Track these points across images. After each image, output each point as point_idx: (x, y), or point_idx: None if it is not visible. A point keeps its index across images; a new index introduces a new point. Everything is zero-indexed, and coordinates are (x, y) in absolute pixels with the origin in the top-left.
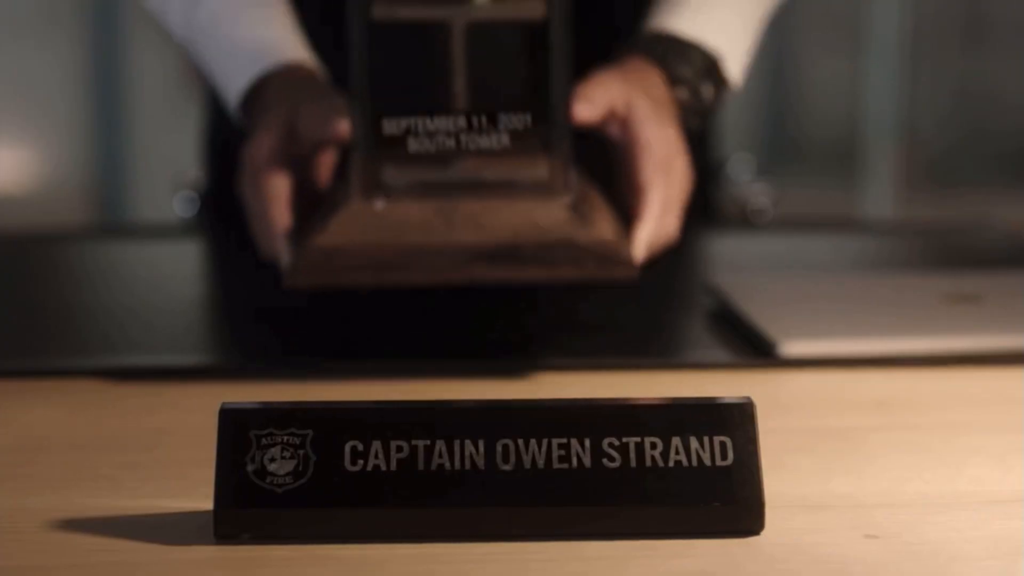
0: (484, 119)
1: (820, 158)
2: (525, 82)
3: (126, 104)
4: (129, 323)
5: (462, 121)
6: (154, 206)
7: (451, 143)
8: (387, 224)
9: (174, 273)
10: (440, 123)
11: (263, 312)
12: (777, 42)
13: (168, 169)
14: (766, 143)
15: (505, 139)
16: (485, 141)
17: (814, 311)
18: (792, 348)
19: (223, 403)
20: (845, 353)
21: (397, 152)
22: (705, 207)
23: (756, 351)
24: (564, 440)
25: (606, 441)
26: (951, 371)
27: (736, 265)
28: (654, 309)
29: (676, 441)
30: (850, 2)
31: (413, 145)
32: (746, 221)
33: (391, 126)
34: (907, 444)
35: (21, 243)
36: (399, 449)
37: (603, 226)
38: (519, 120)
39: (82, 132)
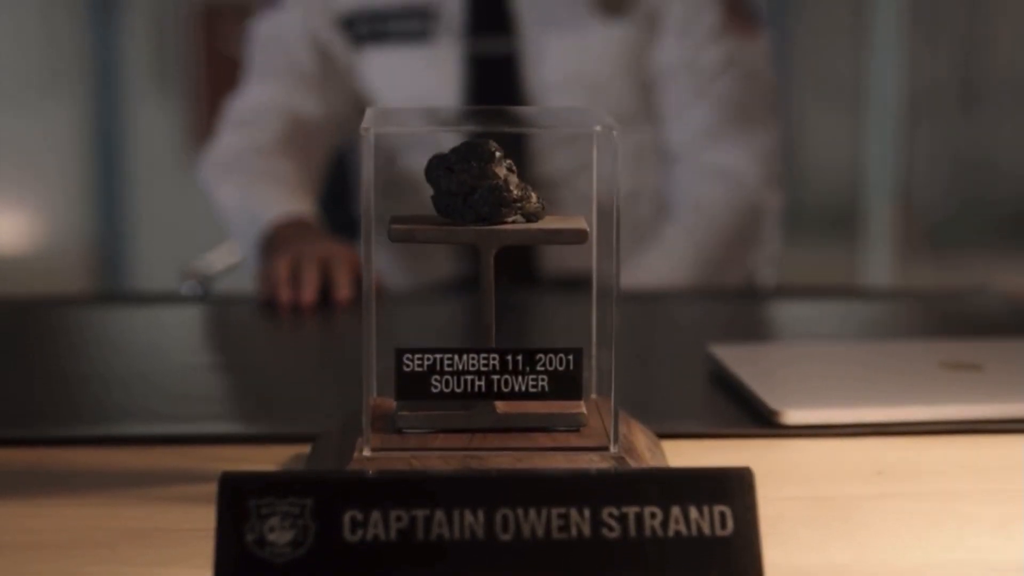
0: (520, 358)
1: (820, 221)
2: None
3: (127, 170)
4: (128, 390)
5: (495, 359)
6: (154, 273)
7: (481, 384)
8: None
9: (174, 340)
10: (468, 361)
11: (262, 378)
12: (779, 104)
13: (168, 234)
14: None
15: (544, 382)
16: (521, 383)
17: (814, 379)
18: (792, 416)
19: (223, 471)
20: (845, 421)
21: (418, 393)
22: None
23: (756, 419)
24: (563, 510)
25: (605, 510)
26: (951, 439)
27: (736, 332)
28: (654, 375)
29: (675, 511)
30: (848, 69)
31: (437, 386)
32: (746, 288)
33: (412, 362)
34: (906, 513)
35: (20, 309)
36: (398, 519)
37: (646, 457)
38: (561, 360)
39: (83, 198)
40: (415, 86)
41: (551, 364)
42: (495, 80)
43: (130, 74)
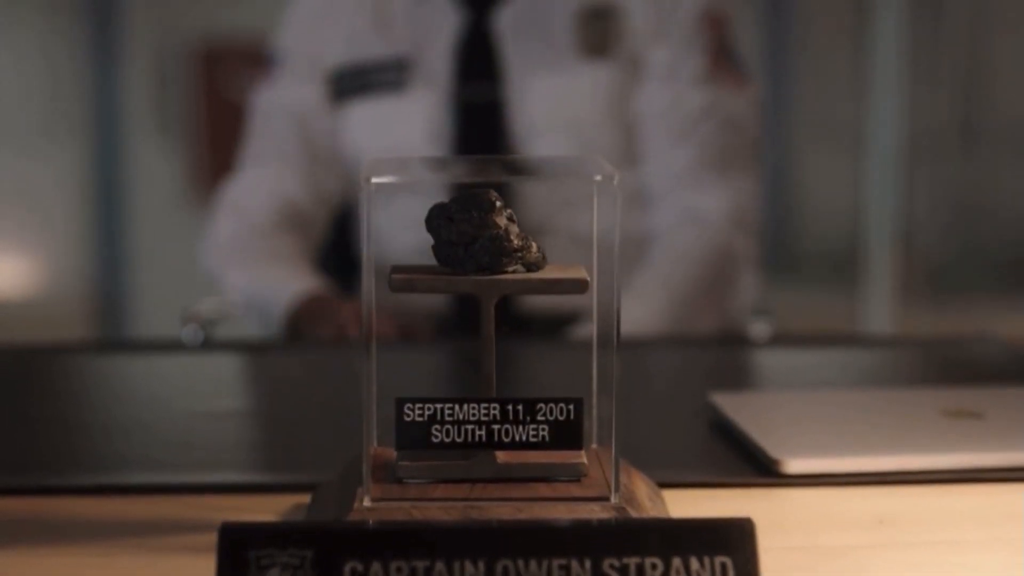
0: (521, 408)
1: (820, 265)
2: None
3: (128, 213)
4: (129, 438)
5: (495, 409)
6: (155, 316)
7: (481, 434)
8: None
9: (174, 388)
10: (469, 411)
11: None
12: (776, 153)
13: (169, 277)
14: (766, 252)
15: (544, 432)
16: (521, 433)
17: (814, 427)
18: (792, 465)
19: (223, 522)
20: (846, 470)
21: (418, 442)
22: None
23: (757, 468)
24: (564, 560)
25: (607, 561)
26: (952, 488)
27: (735, 380)
28: (654, 424)
29: (676, 561)
30: (848, 113)
31: (437, 436)
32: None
33: (413, 412)
34: (907, 562)
35: (21, 356)
36: (399, 570)
37: (647, 507)
38: (561, 410)
39: (85, 241)
40: (397, 135)
41: (551, 414)
42: (479, 125)
43: (131, 118)
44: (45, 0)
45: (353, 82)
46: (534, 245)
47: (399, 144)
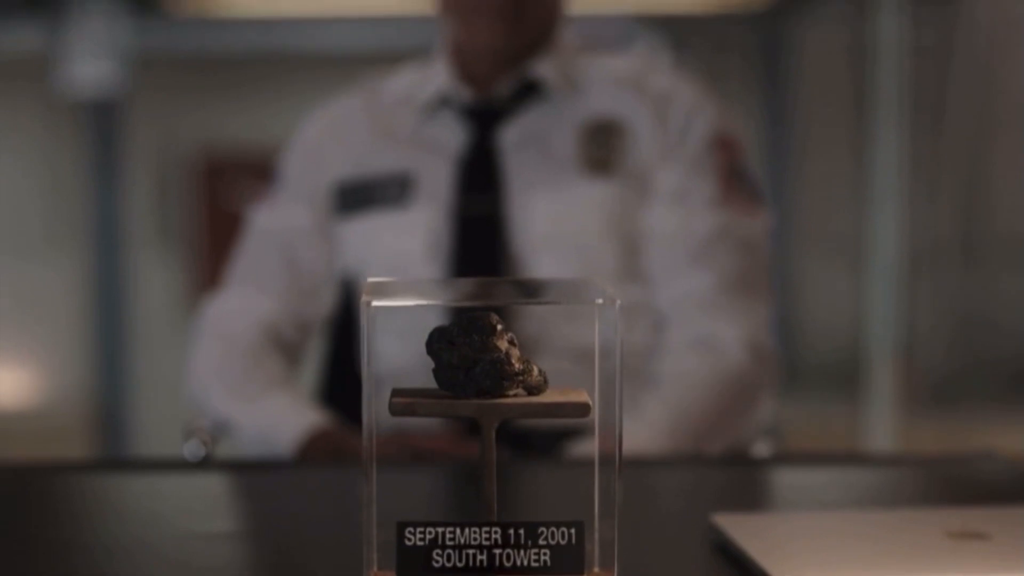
0: (522, 532)
1: (822, 378)
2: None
3: (129, 325)
4: (132, 559)
5: (496, 533)
6: (157, 428)
7: (483, 559)
8: None
9: (175, 507)
10: (470, 535)
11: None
12: (779, 264)
13: (171, 389)
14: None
15: (546, 556)
16: (523, 558)
17: (819, 550)
18: None
19: None
20: None
21: (419, 567)
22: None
23: None
24: None
25: None
26: None
27: (738, 500)
28: (656, 546)
29: None
30: (849, 226)
31: (438, 560)
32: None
33: (414, 536)
34: None
35: (20, 475)
36: None
37: None
38: (563, 534)
39: (85, 353)
40: (398, 247)
41: (553, 538)
42: (480, 239)
43: (133, 228)
44: (48, 109)
45: (356, 196)
46: (535, 368)
47: (400, 257)
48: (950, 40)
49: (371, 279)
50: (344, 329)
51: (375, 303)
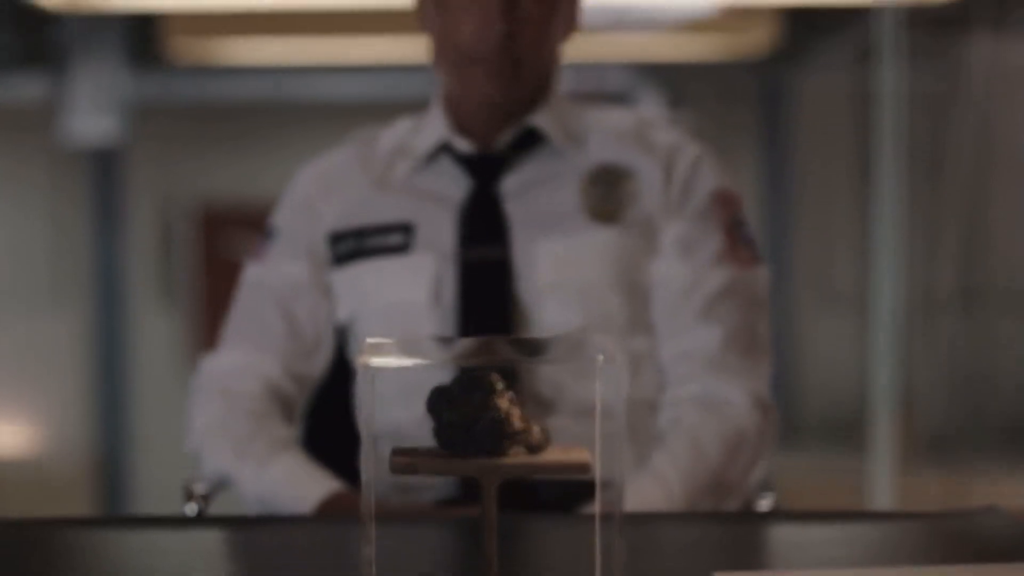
0: None
1: (822, 431)
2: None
3: (130, 380)
4: None
5: None
6: (155, 486)
7: None
8: None
9: (175, 565)
10: None
11: None
12: (778, 320)
13: (171, 443)
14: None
15: None
16: None
17: None
18: None
19: None
20: None
21: None
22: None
23: None
24: None
25: None
26: None
27: (739, 558)
28: None
29: None
30: (851, 278)
31: None
32: (749, 510)
33: None
34: None
35: (19, 531)
36: None
37: None
38: None
39: (86, 408)
40: (399, 296)
41: None
42: (483, 287)
43: (133, 282)
44: (51, 160)
45: (353, 246)
46: (536, 427)
47: (402, 306)
48: (951, 90)
49: (369, 339)
50: (332, 377)
51: (375, 363)
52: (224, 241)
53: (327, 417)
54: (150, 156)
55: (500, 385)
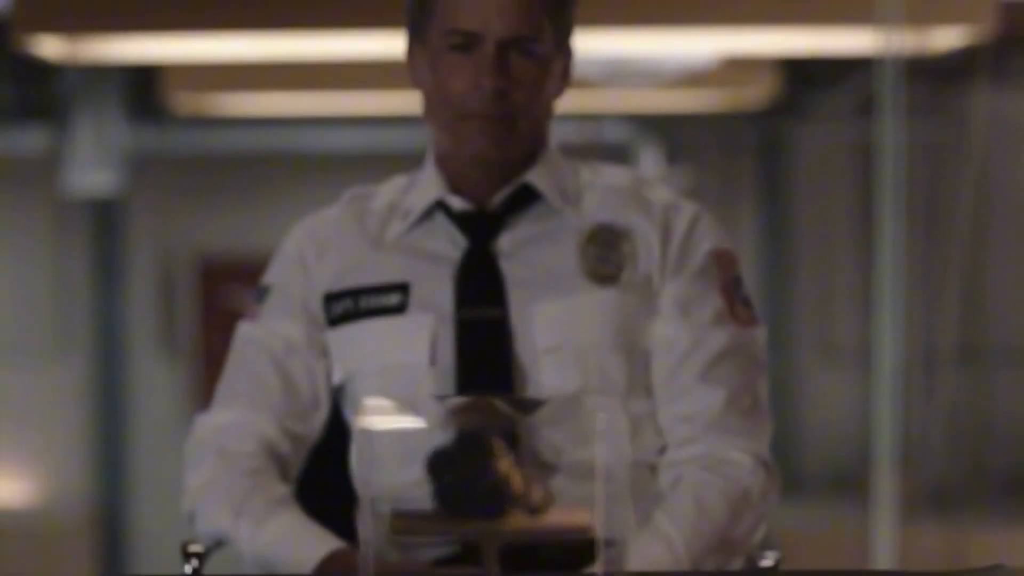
0: None
1: (824, 485)
2: None
3: (130, 433)
4: None
5: None
6: (154, 539)
7: None
8: None
9: None
10: None
11: None
12: (780, 374)
13: (171, 499)
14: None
15: None
16: None
17: None
18: None
19: None
20: None
21: None
22: None
23: None
24: None
25: None
26: None
27: None
28: None
29: None
30: (851, 334)
31: None
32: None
33: None
34: None
35: None
36: None
37: None
38: None
39: (86, 462)
40: (394, 359)
41: None
42: (481, 347)
43: (133, 334)
44: (51, 211)
45: (350, 306)
46: (537, 487)
47: (398, 366)
48: (952, 142)
49: (367, 399)
50: (327, 435)
51: (375, 428)
52: (224, 291)
53: (319, 475)
54: (150, 207)
55: (501, 447)
